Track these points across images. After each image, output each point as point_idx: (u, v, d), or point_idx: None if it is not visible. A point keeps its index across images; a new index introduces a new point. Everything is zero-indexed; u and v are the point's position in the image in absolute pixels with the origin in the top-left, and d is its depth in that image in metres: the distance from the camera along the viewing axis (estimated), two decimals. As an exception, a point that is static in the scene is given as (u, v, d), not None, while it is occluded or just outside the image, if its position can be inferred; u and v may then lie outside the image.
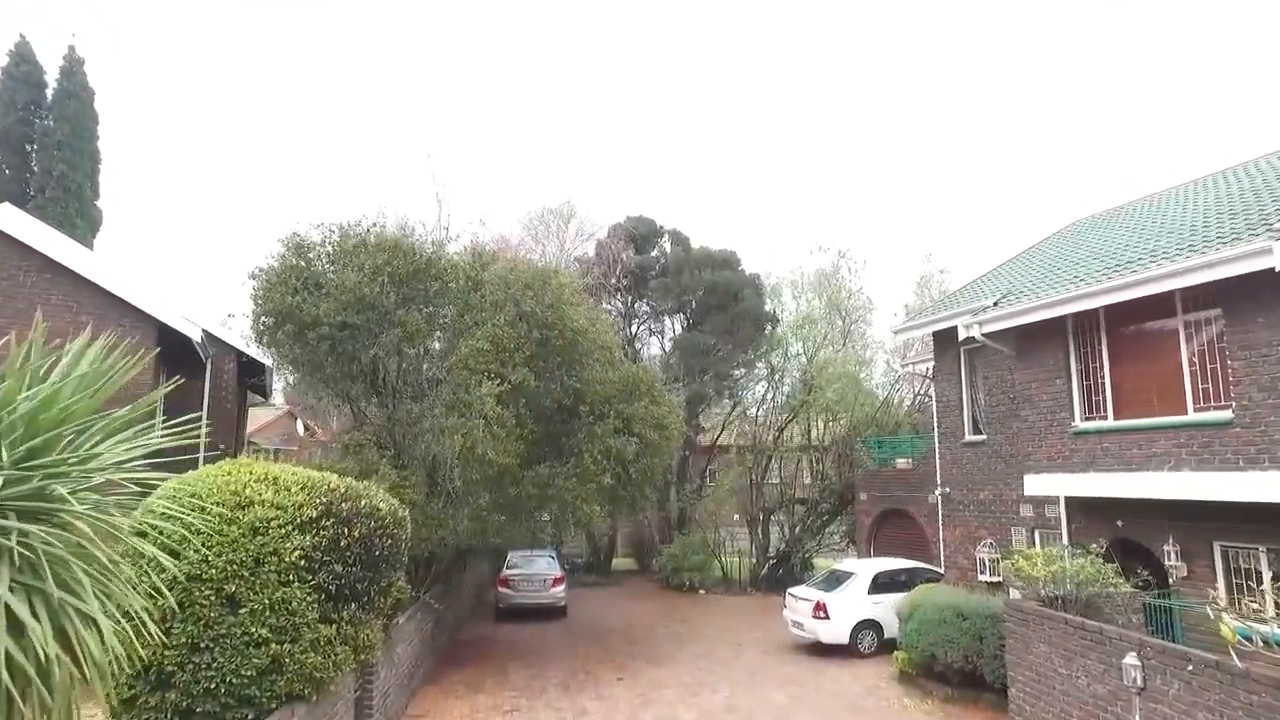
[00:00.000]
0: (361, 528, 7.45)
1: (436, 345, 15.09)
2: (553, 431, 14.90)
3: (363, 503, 7.66)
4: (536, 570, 19.99)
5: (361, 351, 13.42)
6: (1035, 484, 11.91)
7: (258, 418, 33.41)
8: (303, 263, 13.82)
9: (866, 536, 22.35)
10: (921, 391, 27.98)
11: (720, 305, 25.06)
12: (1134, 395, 10.77)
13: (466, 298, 14.52)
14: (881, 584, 15.45)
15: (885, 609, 15.05)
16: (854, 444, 24.63)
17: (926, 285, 28.14)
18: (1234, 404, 9.48)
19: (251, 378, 21.27)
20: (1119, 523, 11.46)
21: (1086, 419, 11.35)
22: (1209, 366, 9.86)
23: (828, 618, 14.89)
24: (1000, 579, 13.63)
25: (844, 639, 14.87)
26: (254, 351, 17.37)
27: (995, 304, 12.49)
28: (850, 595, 15.20)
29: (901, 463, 21.87)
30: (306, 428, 33.69)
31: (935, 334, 15.42)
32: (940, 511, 18.65)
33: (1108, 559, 11.15)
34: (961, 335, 12.70)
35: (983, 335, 12.34)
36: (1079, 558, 9.33)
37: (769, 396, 27.11)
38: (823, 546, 26.09)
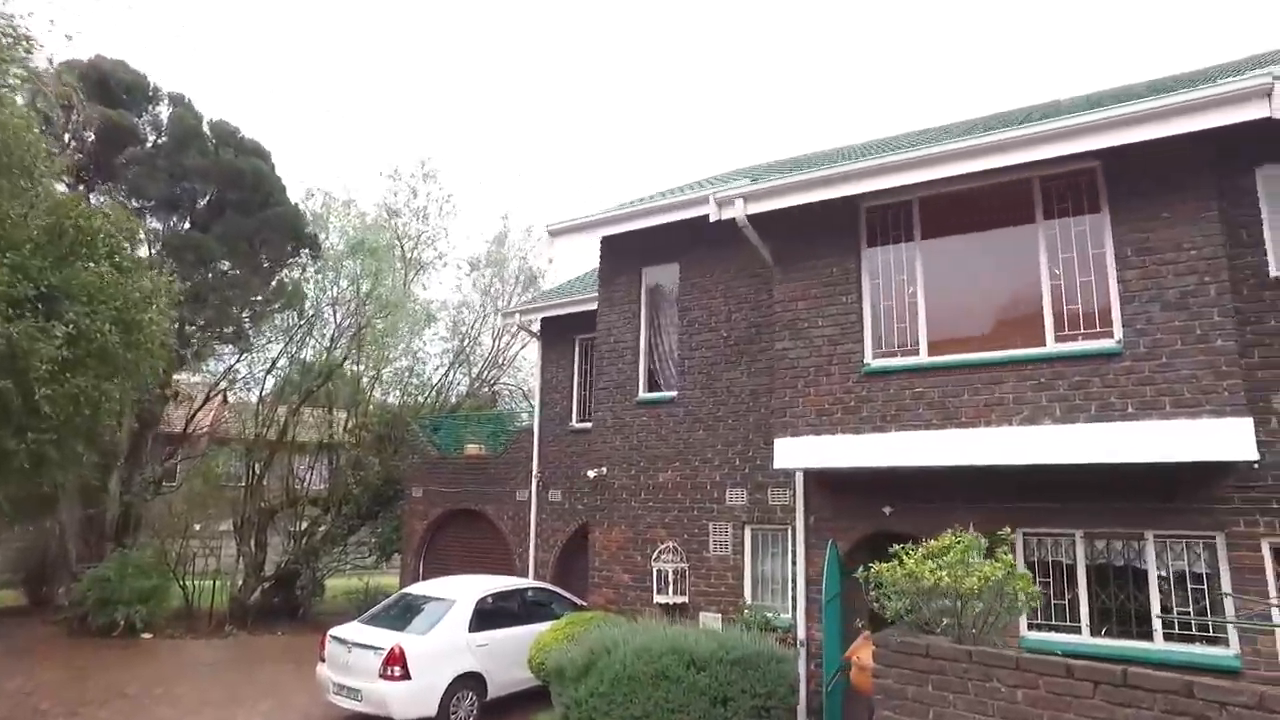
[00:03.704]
0: None
1: None
2: None
3: None
4: None
5: None
6: (795, 452, 7.91)
7: None
8: None
9: (417, 546, 16.56)
10: (490, 371, 23.46)
11: (242, 206, 16.90)
12: (963, 322, 7.50)
13: None
14: (488, 615, 9.97)
15: (492, 654, 9.64)
16: (406, 424, 18.66)
17: (503, 245, 23.86)
18: (1123, 329, 6.66)
19: None
20: (887, 509, 8.08)
21: (882, 354, 7.77)
22: (1080, 280, 6.99)
23: (407, 675, 8.80)
24: (684, 599, 9.35)
25: (432, 709, 8.90)
26: None
27: (754, 181, 8.32)
28: (444, 635, 9.38)
29: (472, 449, 16.77)
30: None
31: (607, 248, 10.80)
32: (534, 508, 14.16)
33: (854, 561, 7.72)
34: (715, 217, 8.24)
35: (746, 218, 8.06)
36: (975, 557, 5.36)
37: (294, 356, 19.39)
38: (347, 562, 19.30)
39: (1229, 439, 6.06)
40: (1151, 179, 6.73)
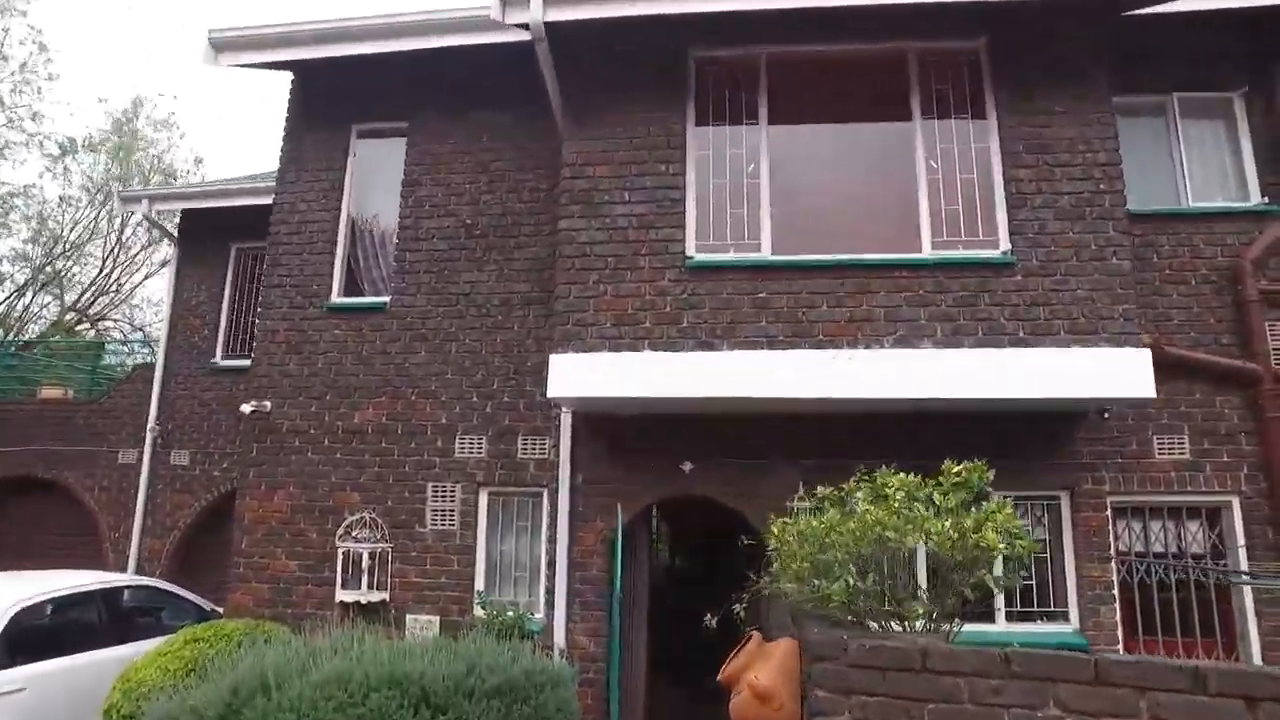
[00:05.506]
0: None
1: None
2: None
3: None
4: None
5: None
6: (582, 374, 5.41)
7: None
8: None
9: (-63, 532, 11.08)
10: (98, 299, 17.47)
11: None
12: (818, 214, 5.63)
13: None
14: (37, 636, 6.02)
15: (41, 703, 5.78)
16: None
17: (128, 127, 17.98)
18: (1012, 238, 5.33)
19: None
20: (686, 466, 5.99)
21: (709, 248, 5.64)
22: (962, 177, 5.54)
23: None
24: (383, 596, 6.35)
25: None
26: None
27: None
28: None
29: (51, 392, 11.84)
30: None
31: (303, 85, 7.38)
32: (145, 474, 10.09)
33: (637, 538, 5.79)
34: (498, 17, 5.35)
35: (544, 28, 5.39)
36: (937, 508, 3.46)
37: None
38: None
39: (1129, 373, 4.96)
40: (1045, 66, 5.54)
